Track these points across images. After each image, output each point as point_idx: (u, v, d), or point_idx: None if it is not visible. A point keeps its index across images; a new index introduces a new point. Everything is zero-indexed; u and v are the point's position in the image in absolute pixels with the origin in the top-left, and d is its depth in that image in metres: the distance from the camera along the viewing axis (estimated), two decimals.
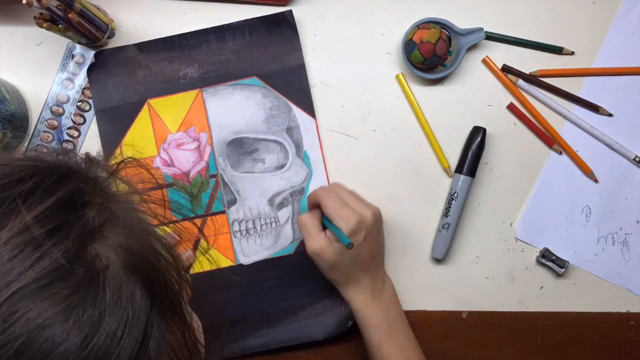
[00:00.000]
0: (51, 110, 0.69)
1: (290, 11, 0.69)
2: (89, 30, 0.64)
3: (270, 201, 0.69)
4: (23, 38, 0.69)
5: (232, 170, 0.69)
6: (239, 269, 0.68)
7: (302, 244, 0.68)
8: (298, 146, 0.69)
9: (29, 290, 0.29)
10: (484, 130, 0.68)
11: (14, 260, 0.30)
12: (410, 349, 0.63)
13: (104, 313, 0.31)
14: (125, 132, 0.69)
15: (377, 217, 0.63)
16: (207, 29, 0.69)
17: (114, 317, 0.31)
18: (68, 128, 0.69)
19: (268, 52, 0.69)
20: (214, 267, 0.68)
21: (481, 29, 0.68)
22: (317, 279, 0.67)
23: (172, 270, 0.37)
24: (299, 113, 0.69)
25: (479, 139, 0.67)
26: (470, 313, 0.70)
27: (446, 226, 0.68)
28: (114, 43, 0.70)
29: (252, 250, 0.69)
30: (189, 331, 0.39)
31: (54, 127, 0.69)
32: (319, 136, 0.69)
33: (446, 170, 0.69)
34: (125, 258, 0.34)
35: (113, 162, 0.40)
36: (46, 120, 0.69)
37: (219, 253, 0.69)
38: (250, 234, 0.69)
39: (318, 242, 0.62)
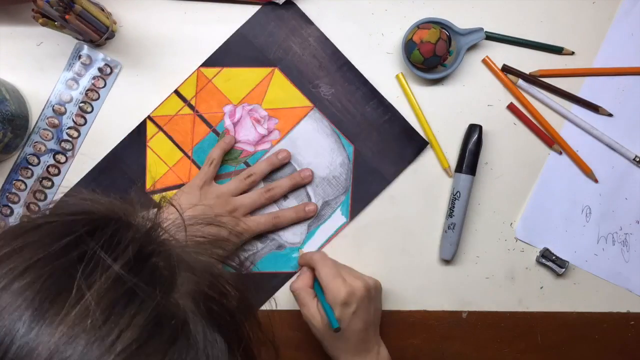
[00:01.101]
0: (53, 109, 0.69)
1: (426, 143, 0.69)
2: (86, 30, 0.64)
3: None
4: (23, 38, 0.69)
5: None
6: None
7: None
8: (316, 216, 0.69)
9: (133, 350, 0.28)
10: (480, 127, 0.68)
11: (108, 322, 0.28)
12: None
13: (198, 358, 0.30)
14: (237, 66, 0.69)
15: (370, 289, 0.62)
16: (367, 80, 0.69)
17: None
18: (68, 128, 0.69)
19: (380, 144, 0.69)
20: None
21: (481, 29, 0.68)
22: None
23: (241, 312, 0.36)
24: (345, 205, 0.69)
25: (475, 136, 0.67)
26: (470, 313, 0.70)
27: (452, 226, 0.68)
28: (113, 44, 0.70)
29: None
30: None
31: (54, 126, 0.69)
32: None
33: (446, 170, 0.69)
34: (199, 304, 0.33)
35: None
36: (47, 118, 0.69)
37: None
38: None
39: (311, 311, 0.62)
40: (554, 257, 0.69)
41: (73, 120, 0.69)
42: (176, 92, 0.69)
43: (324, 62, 0.69)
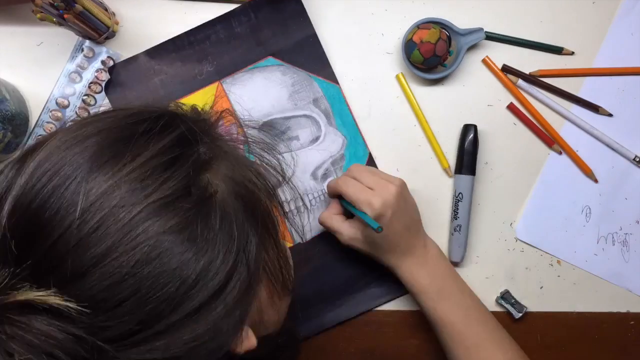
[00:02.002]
0: (56, 102, 0.69)
1: None
2: (85, 30, 0.64)
3: (314, 175, 0.69)
4: (23, 38, 0.69)
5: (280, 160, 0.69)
6: (297, 248, 0.68)
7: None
8: (328, 115, 0.69)
9: (159, 204, 0.35)
10: (475, 126, 0.68)
11: (148, 179, 0.36)
12: (466, 305, 0.63)
13: (214, 228, 0.37)
14: None
15: (400, 191, 0.62)
16: (213, 20, 0.68)
17: (222, 232, 0.37)
18: (71, 121, 0.69)
19: (277, 29, 0.69)
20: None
21: (481, 29, 0.68)
22: None
23: (270, 203, 0.43)
24: (321, 83, 0.69)
25: (471, 135, 0.68)
26: None
27: (458, 228, 0.68)
28: (113, 43, 0.70)
29: (307, 227, 0.69)
30: (282, 257, 0.44)
31: (57, 119, 0.69)
32: (346, 101, 0.69)
33: (446, 170, 0.69)
34: (231, 186, 0.40)
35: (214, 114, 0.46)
36: (50, 112, 0.69)
37: None
38: (301, 211, 0.69)
39: (347, 233, 0.63)
40: (512, 301, 0.69)
41: (76, 113, 0.69)
42: None
43: (178, 57, 0.68)
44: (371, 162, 0.69)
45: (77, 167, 0.35)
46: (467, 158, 0.68)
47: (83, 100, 0.69)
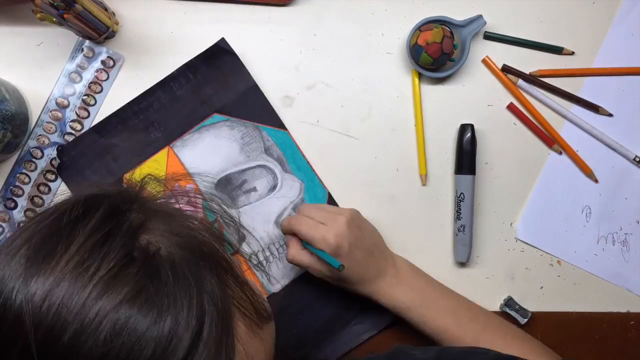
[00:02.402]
0: (56, 102, 0.69)
1: (223, 38, 0.68)
2: (85, 30, 0.64)
3: (277, 223, 0.69)
4: (23, 38, 0.69)
5: (229, 210, 0.69)
6: (273, 298, 0.68)
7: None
8: (282, 162, 0.69)
9: (106, 279, 0.35)
10: (471, 125, 0.68)
11: (87, 261, 0.36)
12: (452, 307, 0.63)
13: (168, 282, 0.37)
14: None
15: (351, 219, 0.62)
16: (153, 87, 0.69)
17: (178, 283, 0.37)
18: (71, 121, 0.69)
19: (218, 86, 0.69)
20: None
21: (480, 16, 0.67)
22: None
23: (215, 241, 0.43)
24: (269, 131, 0.69)
25: (468, 134, 0.68)
26: None
27: (462, 228, 0.68)
28: (113, 43, 0.70)
29: (279, 276, 0.69)
30: (247, 287, 0.44)
31: (57, 119, 0.69)
32: (297, 145, 0.69)
33: (421, 176, 0.69)
34: (172, 239, 0.40)
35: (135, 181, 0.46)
36: (50, 112, 0.69)
37: None
38: (270, 261, 0.69)
39: (316, 267, 0.62)
40: (517, 307, 0.69)
41: (76, 113, 0.69)
42: None
43: (124, 129, 0.68)
44: (331, 201, 0.69)
45: (17, 277, 0.36)
46: (466, 158, 0.68)
47: (83, 100, 0.69)
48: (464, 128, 0.68)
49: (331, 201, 0.69)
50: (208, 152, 0.69)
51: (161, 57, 0.69)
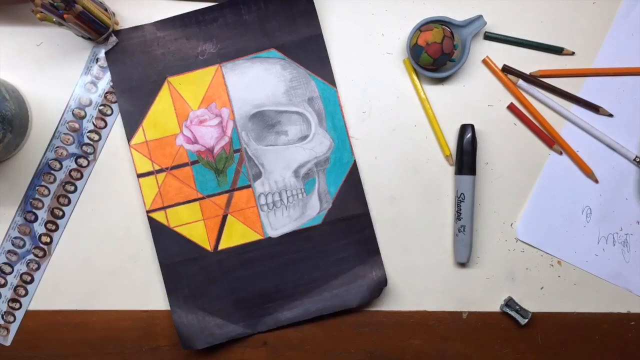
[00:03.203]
0: (73, 113, 0.69)
1: None
2: (85, 30, 0.64)
3: (296, 172, 0.69)
4: (23, 38, 0.69)
5: (256, 144, 0.69)
6: (267, 242, 0.69)
7: (329, 213, 0.69)
8: (320, 116, 0.69)
9: None
10: (472, 126, 0.68)
11: None
12: None
13: None
14: (147, 112, 0.69)
15: None
16: (223, 3, 0.69)
17: None
18: (89, 131, 0.69)
19: (284, 23, 0.69)
20: (242, 242, 0.69)
21: (480, 16, 0.67)
22: (346, 247, 0.68)
23: None
24: (319, 83, 0.69)
25: (469, 134, 0.67)
26: (470, 313, 0.70)
27: (462, 229, 0.68)
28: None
29: (280, 223, 0.69)
30: None
31: (74, 130, 0.69)
32: (340, 105, 0.69)
33: (447, 157, 0.69)
34: None
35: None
36: (67, 123, 0.69)
37: (246, 227, 0.69)
38: (277, 206, 0.69)
39: None
40: (517, 307, 0.69)
41: (93, 124, 0.69)
42: (139, 175, 0.69)
43: (184, 33, 0.69)
44: (355, 170, 0.69)
45: None
46: (466, 158, 0.68)
47: (100, 111, 0.69)
48: (464, 128, 0.68)
49: (354, 170, 0.69)
50: (254, 83, 0.69)
51: None
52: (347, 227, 0.69)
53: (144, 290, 0.70)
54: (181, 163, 0.69)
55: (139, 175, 0.69)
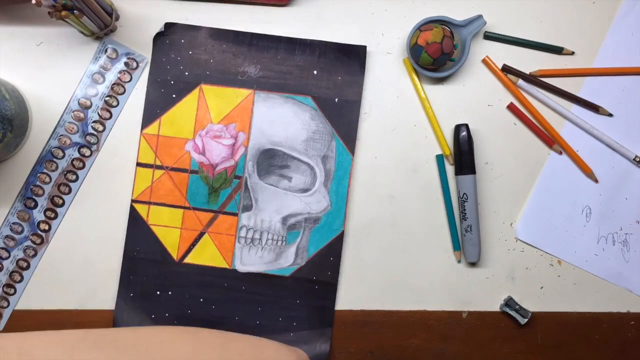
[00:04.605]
0: (79, 102, 0.69)
1: (365, 47, 0.69)
2: (100, 11, 0.64)
3: (284, 219, 0.69)
4: (23, 38, 0.69)
5: (258, 178, 0.69)
6: (232, 273, 0.69)
7: (300, 270, 0.69)
8: (328, 176, 0.69)
9: None
10: (466, 125, 0.68)
11: None
12: None
13: None
14: (169, 108, 0.69)
15: None
16: (280, 37, 0.69)
17: None
18: (93, 121, 0.69)
19: (330, 78, 0.69)
20: (208, 264, 0.69)
21: (480, 16, 0.68)
22: (303, 308, 0.68)
23: None
24: (339, 145, 0.69)
25: (463, 133, 0.68)
26: (470, 313, 0.70)
27: (469, 228, 0.68)
28: (116, 33, 0.70)
29: (250, 260, 0.69)
30: None
31: (79, 119, 0.69)
32: (351, 174, 0.69)
33: (447, 157, 0.69)
34: None
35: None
36: (72, 112, 0.69)
37: (218, 251, 0.69)
38: (254, 244, 0.69)
39: None
40: (517, 307, 0.69)
41: (98, 114, 0.69)
42: (138, 164, 0.69)
43: (234, 49, 0.69)
44: (339, 240, 0.69)
45: None
46: (464, 157, 0.68)
47: (105, 102, 0.69)
48: (458, 128, 0.68)
49: (340, 239, 0.69)
50: (279, 120, 0.69)
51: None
52: (312, 290, 0.69)
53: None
54: (182, 167, 0.69)
55: (139, 164, 0.69)
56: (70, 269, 0.70)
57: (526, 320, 0.69)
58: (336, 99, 0.69)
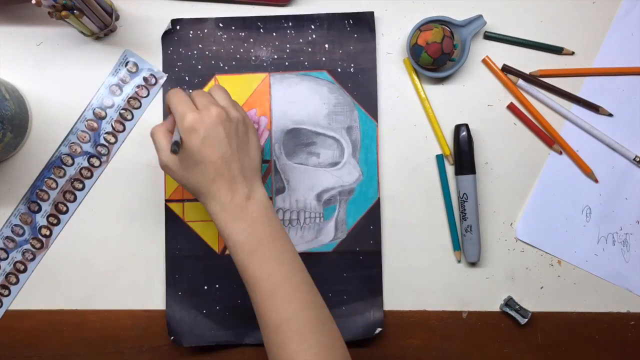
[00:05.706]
0: (94, 112, 0.69)
1: (372, 13, 0.69)
2: (100, 11, 0.64)
3: (318, 196, 0.69)
4: (23, 38, 0.69)
5: (286, 159, 0.69)
6: None
7: (342, 243, 0.68)
8: (355, 147, 0.69)
9: None
10: (466, 125, 0.68)
11: None
12: (279, 276, 0.54)
13: None
14: None
15: (227, 118, 0.54)
16: (288, 15, 0.69)
17: None
18: (106, 133, 0.69)
19: (342, 49, 0.69)
20: None
21: (480, 16, 0.67)
22: (351, 280, 0.68)
23: None
24: (362, 114, 0.69)
25: (463, 133, 0.68)
26: (470, 313, 0.70)
27: (469, 228, 0.68)
28: (114, 39, 0.70)
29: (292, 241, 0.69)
30: None
31: (92, 129, 0.69)
32: (377, 140, 0.69)
33: (447, 157, 0.69)
34: None
35: None
36: (87, 120, 0.69)
37: None
38: (292, 225, 0.69)
39: (166, 155, 0.56)
40: (517, 307, 0.69)
41: (112, 126, 0.69)
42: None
43: (242, 36, 0.69)
44: (377, 207, 0.69)
45: None
46: (464, 157, 0.68)
47: (120, 114, 0.69)
48: (458, 128, 0.68)
49: (377, 206, 0.69)
50: (298, 99, 0.69)
51: (159, 57, 0.69)
52: (356, 262, 0.69)
53: (143, 289, 0.70)
54: None
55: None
56: (67, 275, 0.70)
57: (526, 320, 0.69)
58: (352, 69, 0.69)
